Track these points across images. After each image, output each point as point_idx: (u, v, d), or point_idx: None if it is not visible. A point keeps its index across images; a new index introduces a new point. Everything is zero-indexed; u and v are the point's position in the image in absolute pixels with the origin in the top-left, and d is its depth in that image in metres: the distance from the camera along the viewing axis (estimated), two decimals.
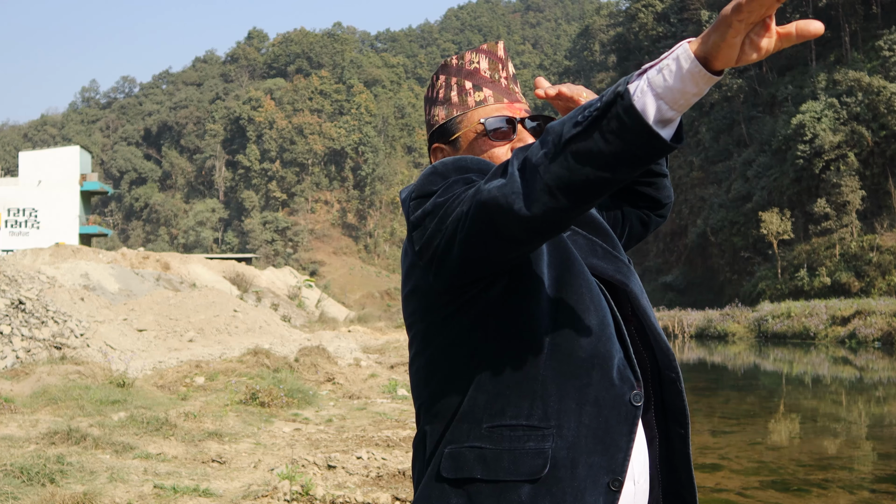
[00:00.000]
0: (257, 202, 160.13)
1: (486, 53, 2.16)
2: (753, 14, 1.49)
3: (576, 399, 1.85)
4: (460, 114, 2.13)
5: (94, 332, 17.17)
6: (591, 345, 1.87)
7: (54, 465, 7.35)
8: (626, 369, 1.89)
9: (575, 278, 1.91)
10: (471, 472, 1.85)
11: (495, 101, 2.13)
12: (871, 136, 62.80)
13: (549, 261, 1.91)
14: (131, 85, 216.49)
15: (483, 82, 2.14)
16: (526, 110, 2.16)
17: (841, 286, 57.57)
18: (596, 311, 1.90)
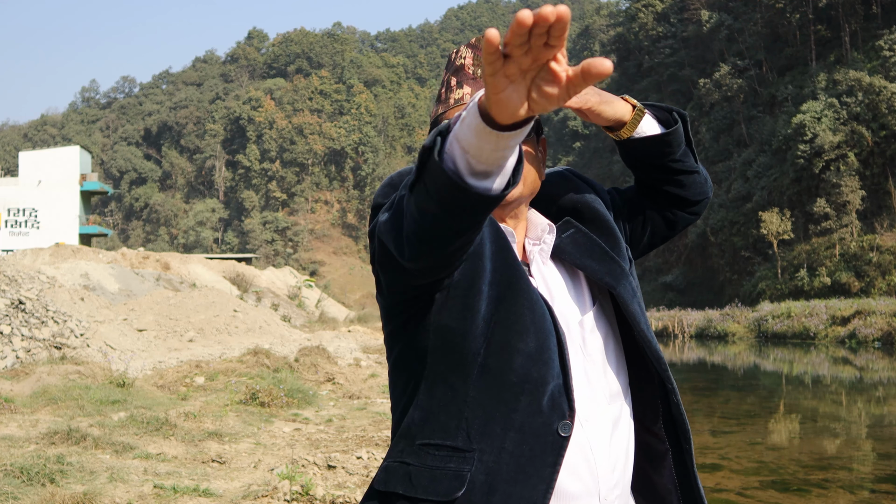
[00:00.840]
0: (257, 202, 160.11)
1: (472, 48, 2.04)
2: (498, 71, 1.33)
3: (501, 424, 1.80)
4: (442, 112, 2.03)
5: (94, 332, 17.17)
6: (523, 368, 1.81)
7: (54, 465, 7.35)
8: (561, 397, 1.82)
9: (516, 298, 1.85)
10: (395, 486, 1.84)
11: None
12: (871, 136, 62.81)
13: (490, 279, 1.85)
14: (131, 85, 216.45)
15: (465, 79, 2.02)
16: None
17: (841, 286, 57.58)
18: (536, 334, 1.83)
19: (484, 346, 1.82)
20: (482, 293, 1.83)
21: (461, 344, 1.83)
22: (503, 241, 1.90)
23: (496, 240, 1.89)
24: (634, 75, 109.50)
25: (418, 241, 1.62)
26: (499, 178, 1.50)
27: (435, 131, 1.51)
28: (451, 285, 1.84)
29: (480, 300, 1.83)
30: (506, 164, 1.49)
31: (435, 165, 1.48)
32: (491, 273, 1.85)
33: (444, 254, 1.65)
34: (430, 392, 1.87)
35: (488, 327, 1.82)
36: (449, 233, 1.59)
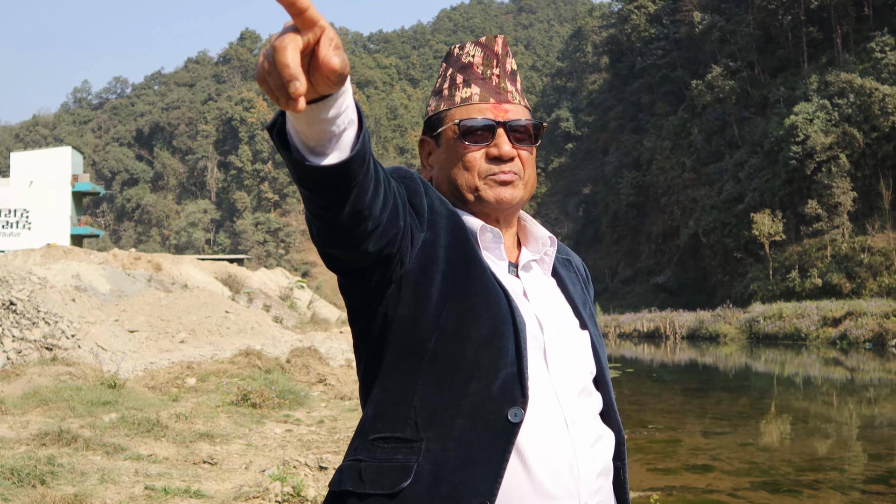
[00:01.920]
0: (249, 203, 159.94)
1: (483, 47, 2.04)
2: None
3: (449, 411, 1.78)
4: (446, 109, 2.03)
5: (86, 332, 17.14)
6: (473, 354, 1.79)
7: (45, 467, 7.33)
8: (514, 384, 1.79)
9: (471, 286, 1.84)
10: (346, 484, 1.82)
11: (480, 101, 2.00)
12: (862, 137, 62.93)
13: (444, 267, 1.85)
14: (123, 85, 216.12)
15: (473, 78, 2.02)
16: (517, 112, 2.02)
17: (832, 287, 57.69)
18: (489, 322, 1.81)
19: (435, 333, 1.81)
20: (434, 280, 1.83)
21: (412, 332, 1.82)
22: (462, 233, 1.90)
23: (454, 231, 1.89)
24: (627, 76, 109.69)
25: (309, 224, 1.66)
26: (335, 151, 1.50)
27: (278, 111, 1.50)
28: (403, 275, 1.83)
29: (432, 288, 1.83)
30: (336, 138, 1.49)
31: (276, 145, 1.50)
32: (445, 262, 1.85)
33: (339, 236, 1.65)
34: (383, 386, 1.86)
35: (440, 315, 1.81)
36: (320, 210, 1.59)
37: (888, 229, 60.11)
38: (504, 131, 1.98)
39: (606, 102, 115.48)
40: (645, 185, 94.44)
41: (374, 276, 1.80)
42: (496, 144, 1.97)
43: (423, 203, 1.87)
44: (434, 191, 1.94)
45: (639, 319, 57.06)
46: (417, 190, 1.88)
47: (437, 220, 1.88)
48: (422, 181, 1.92)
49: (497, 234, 1.97)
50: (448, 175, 2.02)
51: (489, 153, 1.98)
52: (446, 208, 1.92)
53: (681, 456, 11.66)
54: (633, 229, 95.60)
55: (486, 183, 1.98)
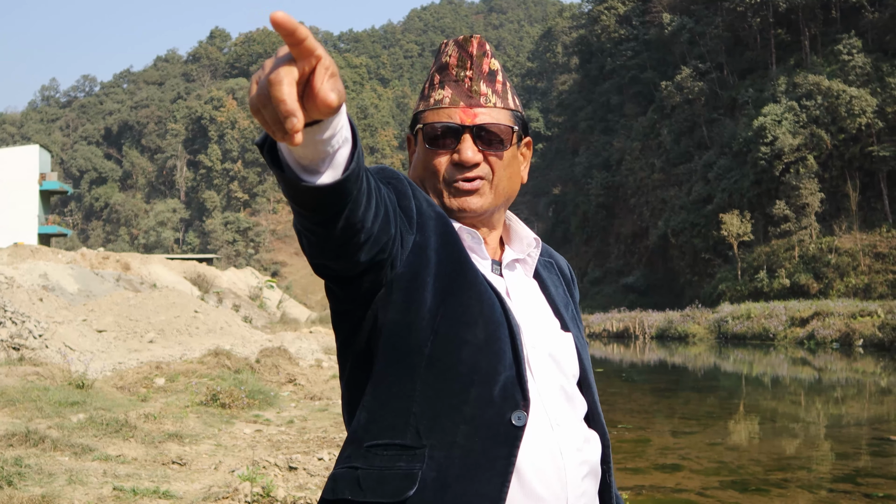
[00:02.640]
0: (219, 202, 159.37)
1: (460, 47, 1.99)
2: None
3: (451, 417, 1.75)
4: (422, 110, 2.00)
5: (53, 332, 17.02)
6: (472, 359, 1.78)
7: (12, 468, 7.28)
8: (514, 387, 1.78)
9: (464, 290, 1.82)
10: (343, 492, 1.76)
11: (450, 104, 1.95)
12: (829, 139, 63.48)
13: (436, 270, 1.82)
14: (92, 84, 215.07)
15: (448, 80, 1.97)
16: (490, 116, 1.95)
17: (800, 288, 58.13)
18: (485, 325, 1.80)
19: (430, 338, 1.78)
20: (427, 285, 1.81)
21: (406, 337, 1.79)
22: (451, 235, 1.88)
23: (443, 234, 1.86)
24: (597, 77, 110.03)
25: (299, 235, 1.65)
26: (329, 170, 1.47)
27: None
28: (393, 279, 1.80)
29: (425, 292, 1.80)
30: (330, 157, 1.47)
31: (268, 162, 1.48)
32: (436, 265, 1.83)
33: (331, 248, 1.64)
34: (376, 391, 1.82)
35: (434, 319, 1.79)
36: (313, 225, 1.58)
37: (855, 230, 60.65)
38: (469, 136, 1.94)
39: (576, 103, 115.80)
40: (614, 185, 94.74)
41: (365, 281, 1.77)
42: (459, 150, 1.94)
43: (411, 205, 1.84)
44: (421, 192, 1.91)
45: (608, 319, 57.22)
46: (405, 192, 1.85)
47: (425, 222, 1.85)
48: (409, 182, 1.89)
49: (475, 235, 1.94)
50: (419, 177, 2.01)
51: (453, 159, 1.95)
52: (434, 210, 1.89)
53: (650, 455, 11.70)
54: (602, 230, 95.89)
55: (450, 190, 1.96)
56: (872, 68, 65.70)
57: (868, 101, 61.77)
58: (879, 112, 62.02)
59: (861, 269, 57.43)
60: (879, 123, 61.88)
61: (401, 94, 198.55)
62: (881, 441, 13.09)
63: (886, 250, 58.12)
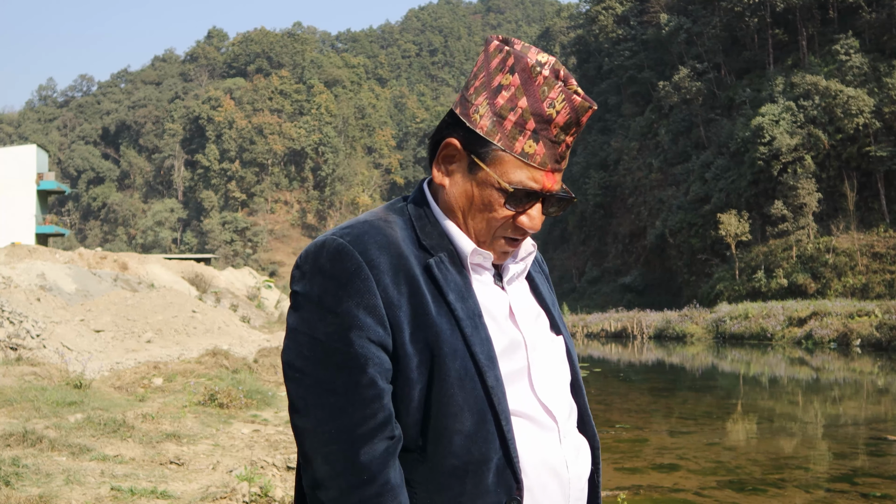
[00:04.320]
0: (216, 202, 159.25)
1: (573, 110, 1.81)
2: None
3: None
4: (500, 147, 1.83)
5: (51, 332, 17.02)
6: (464, 450, 1.76)
7: (9, 468, 7.27)
8: (506, 471, 1.78)
9: (444, 379, 1.77)
10: None
11: (539, 165, 1.82)
12: (827, 139, 63.47)
13: (416, 362, 1.77)
14: (89, 83, 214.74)
15: (545, 136, 1.81)
16: (560, 180, 1.89)
17: (797, 287, 58.14)
18: (470, 411, 1.77)
19: (423, 433, 1.78)
20: (412, 381, 1.78)
21: (403, 434, 1.79)
22: (423, 315, 1.80)
23: (413, 316, 1.79)
24: (594, 77, 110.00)
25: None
26: None
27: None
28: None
29: (412, 389, 1.78)
30: None
31: None
32: (415, 355, 1.78)
33: None
34: None
35: (422, 415, 1.78)
36: None
37: (853, 230, 60.65)
38: (541, 203, 1.88)
39: None
40: (612, 185, 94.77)
41: None
42: (529, 216, 1.86)
43: (377, 302, 1.76)
44: (385, 272, 1.79)
45: (606, 319, 57.22)
46: (368, 288, 1.76)
47: (396, 314, 1.77)
48: (368, 272, 1.78)
49: (487, 256, 1.90)
50: (465, 206, 1.89)
51: (519, 221, 1.87)
52: (400, 290, 1.80)
53: (647, 455, 11.71)
54: (600, 229, 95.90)
55: (496, 241, 1.90)
56: (870, 68, 65.70)
57: (865, 102, 61.76)
58: (877, 112, 62.01)
59: (859, 269, 57.44)
60: (877, 123, 61.87)
61: (398, 94, 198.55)
62: (878, 441, 13.10)
63: (884, 250, 58.14)
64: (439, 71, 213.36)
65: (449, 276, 1.84)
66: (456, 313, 1.80)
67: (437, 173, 1.92)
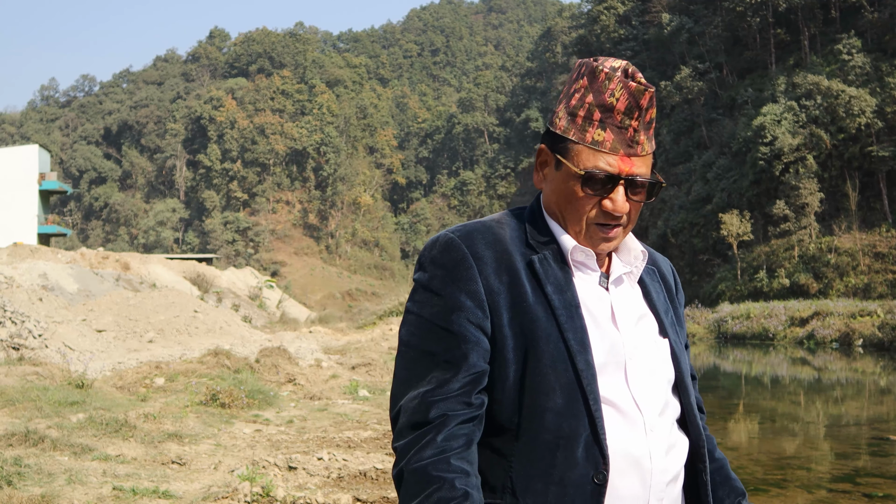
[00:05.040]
0: (218, 202, 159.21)
1: (630, 95, 1.97)
2: None
3: (542, 479, 1.90)
4: (574, 141, 2.00)
5: (53, 332, 17.03)
6: (555, 424, 1.91)
7: (11, 468, 7.28)
8: (594, 447, 1.90)
9: (538, 360, 1.93)
10: None
11: (610, 150, 1.98)
12: (829, 139, 63.44)
13: (513, 345, 1.94)
14: (91, 83, 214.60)
15: (610, 123, 1.98)
16: (641, 165, 2.02)
17: (799, 287, 58.08)
18: (562, 390, 1.92)
19: (518, 411, 1.93)
20: (508, 360, 1.95)
21: (499, 413, 1.96)
22: (521, 303, 1.97)
23: (512, 304, 1.97)
24: None
25: None
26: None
27: None
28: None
29: (508, 369, 1.95)
30: None
31: None
32: (512, 339, 1.95)
33: None
34: (482, 455, 1.97)
35: (518, 393, 1.94)
36: None
37: (854, 230, 60.62)
38: (623, 187, 2.00)
39: None
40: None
41: None
42: (612, 199, 1.99)
43: (479, 288, 1.96)
44: (489, 264, 1.99)
45: None
46: (471, 276, 1.97)
47: (495, 299, 1.96)
48: (472, 262, 1.98)
49: (589, 253, 2.04)
50: (558, 202, 2.06)
51: (603, 205, 2.00)
52: (501, 279, 1.98)
53: None
54: None
55: (590, 231, 2.03)
56: (872, 68, 65.69)
57: (867, 101, 61.74)
58: (879, 112, 61.98)
59: (860, 269, 57.41)
60: (879, 123, 61.85)
61: (400, 94, 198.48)
62: (880, 441, 13.10)
63: (886, 250, 58.11)
64: (441, 71, 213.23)
65: (550, 271, 2.01)
66: (552, 303, 1.97)
67: (536, 178, 2.14)
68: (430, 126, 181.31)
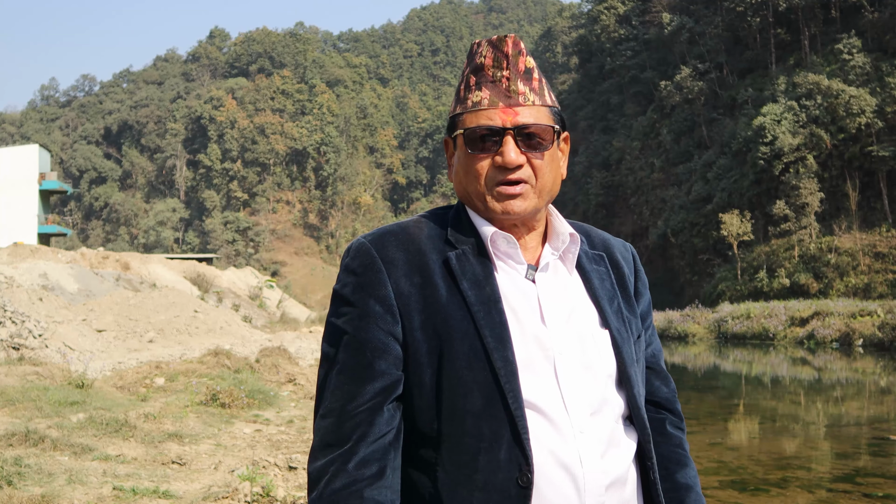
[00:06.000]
0: (218, 202, 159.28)
1: (494, 47, 1.96)
2: None
3: (466, 486, 1.83)
4: (459, 113, 1.98)
5: (53, 332, 17.03)
6: (475, 427, 1.83)
7: (12, 468, 7.27)
8: (515, 448, 1.82)
9: (453, 361, 1.85)
10: None
11: (489, 105, 1.93)
12: (829, 138, 63.47)
13: (426, 348, 1.87)
14: (91, 83, 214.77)
15: (484, 81, 1.95)
16: (530, 115, 1.94)
17: (800, 287, 58.12)
18: (479, 391, 1.83)
19: (436, 416, 1.86)
20: (422, 365, 1.88)
21: (419, 420, 1.88)
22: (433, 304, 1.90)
23: (423, 307, 1.90)
24: (596, 77, 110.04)
25: None
26: None
27: None
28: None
29: (423, 373, 1.88)
30: None
31: None
32: (424, 342, 1.88)
33: None
34: (405, 463, 1.92)
35: (435, 397, 1.86)
36: None
37: (855, 230, 60.67)
38: (511, 138, 1.92)
39: (576, 103, 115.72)
40: (614, 185, 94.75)
41: None
42: (501, 153, 1.92)
43: (388, 293, 1.90)
44: (399, 267, 1.93)
45: None
46: (380, 280, 1.91)
47: (406, 303, 1.89)
48: (381, 266, 1.92)
49: (511, 240, 1.95)
50: (462, 179, 2.00)
51: (495, 161, 1.93)
52: (413, 281, 1.92)
53: None
54: (602, 229, 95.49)
55: (493, 194, 1.94)
56: (872, 68, 65.73)
57: (867, 101, 61.77)
58: (879, 112, 62.02)
59: (861, 269, 57.45)
60: (879, 123, 61.88)
61: (400, 94, 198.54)
62: (881, 441, 13.10)
63: (886, 250, 58.14)
64: (441, 71, 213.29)
65: (467, 266, 1.93)
66: (468, 299, 1.89)
67: (449, 174, 2.09)
68: (431, 126, 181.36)
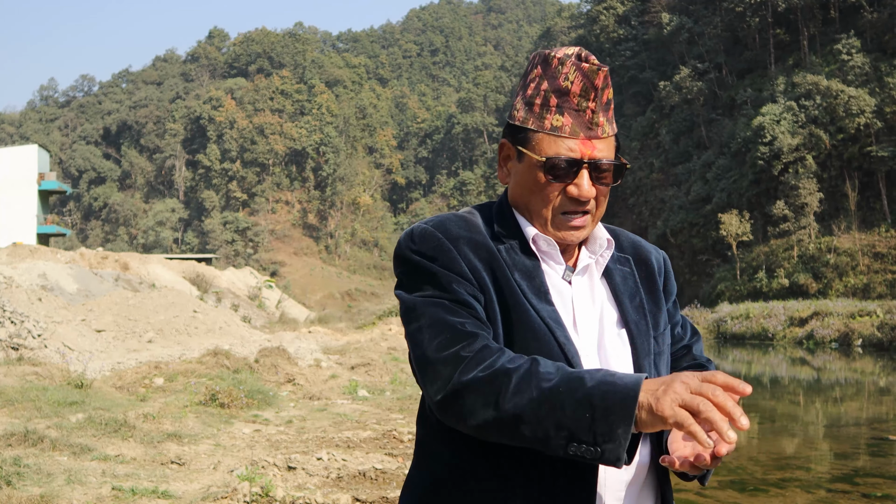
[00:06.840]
0: (217, 202, 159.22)
1: (584, 76, 1.94)
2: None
3: (532, 460, 1.85)
4: (534, 130, 1.98)
5: (52, 332, 17.02)
6: None
7: (11, 468, 7.27)
8: None
9: (522, 333, 1.91)
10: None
11: (570, 135, 1.94)
12: (828, 139, 63.50)
13: (501, 317, 1.93)
14: (90, 83, 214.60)
15: (567, 107, 1.95)
16: (604, 148, 1.99)
17: (799, 287, 58.13)
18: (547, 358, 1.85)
19: None
20: (498, 335, 1.92)
21: None
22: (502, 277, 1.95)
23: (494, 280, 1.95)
24: None
25: (478, 427, 1.80)
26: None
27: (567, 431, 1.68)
28: None
29: (498, 340, 1.91)
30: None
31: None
32: (500, 313, 1.93)
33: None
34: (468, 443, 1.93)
35: None
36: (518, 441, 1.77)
37: (854, 230, 60.68)
38: (587, 171, 1.96)
39: None
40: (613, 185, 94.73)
41: None
42: (577, 184, 1.95)
43: (463, 268, 1.94)
44: (465, 245, 1.97)
45: None
46: (454, 258, 1.94)
47: (480, 276, 1.94)
48: (450, 245, 1.96)
49: (551, 242, 2.00)
50: (523, 194, 2.03)
51: (568, 191, 1.96)
52: (480, 256, 1.97)
53: None
54: None
55: (557, 220, 1.99)
56: (871, 68, 65.76)
57: (867, 101, 61.81)
58: (878, 112, 62.06)
59: (860, 269, 57.47)
60: (878, 123, 61.92)
61: (399, 94, 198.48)
62: (880, 441, 13.10)
63: (885, 250, 58.16)
64: (440, 71, 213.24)
65: (517, 259, 1.99)
66: (521, 288, 1.95)
67: (501, 174, 2.12)
68: (430, 126, 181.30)
